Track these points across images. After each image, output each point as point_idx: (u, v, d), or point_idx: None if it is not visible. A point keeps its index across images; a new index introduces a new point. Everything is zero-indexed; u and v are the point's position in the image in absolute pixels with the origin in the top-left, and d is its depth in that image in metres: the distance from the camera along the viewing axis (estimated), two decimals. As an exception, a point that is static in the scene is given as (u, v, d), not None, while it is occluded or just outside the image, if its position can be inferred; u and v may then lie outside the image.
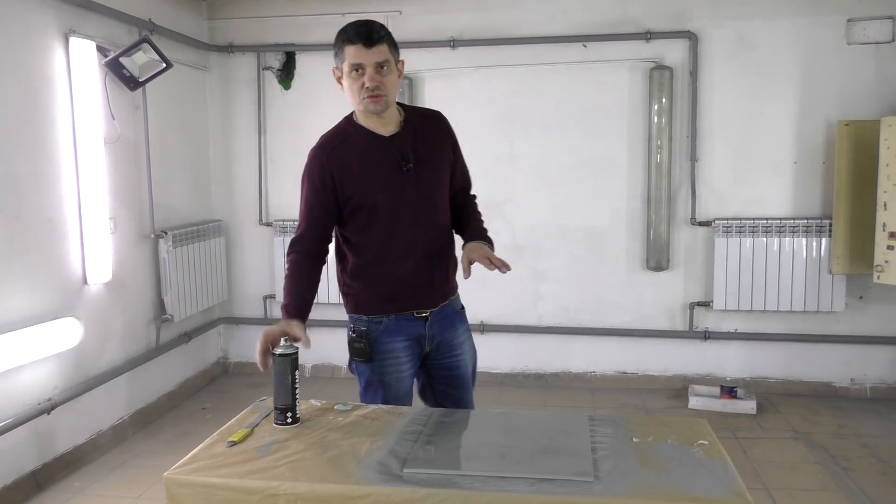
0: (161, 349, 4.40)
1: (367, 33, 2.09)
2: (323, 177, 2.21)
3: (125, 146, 4.05)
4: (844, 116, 4.34)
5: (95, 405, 3.80)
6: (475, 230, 2.36)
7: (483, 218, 2.44)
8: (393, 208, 2.21)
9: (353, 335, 2.35)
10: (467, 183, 2.46)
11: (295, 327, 2.12)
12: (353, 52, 2.11)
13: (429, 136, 2.28)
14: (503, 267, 2.14)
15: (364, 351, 2.31)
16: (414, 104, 4.72)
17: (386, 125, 2.23)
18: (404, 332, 2.31)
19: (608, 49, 4.58)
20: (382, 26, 2.15)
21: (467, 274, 2.19)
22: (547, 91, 4.69)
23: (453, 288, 2.42)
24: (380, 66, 2.11)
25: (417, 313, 2.31)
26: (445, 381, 2.42)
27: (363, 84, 2.12)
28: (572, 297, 4.79)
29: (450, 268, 2.38)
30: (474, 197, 2.50)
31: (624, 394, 4.66)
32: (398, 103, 2.29)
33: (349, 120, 2.30)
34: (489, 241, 2.30)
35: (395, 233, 2.23)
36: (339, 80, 2.20)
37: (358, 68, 2.12)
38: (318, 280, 2.30)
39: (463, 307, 2.48)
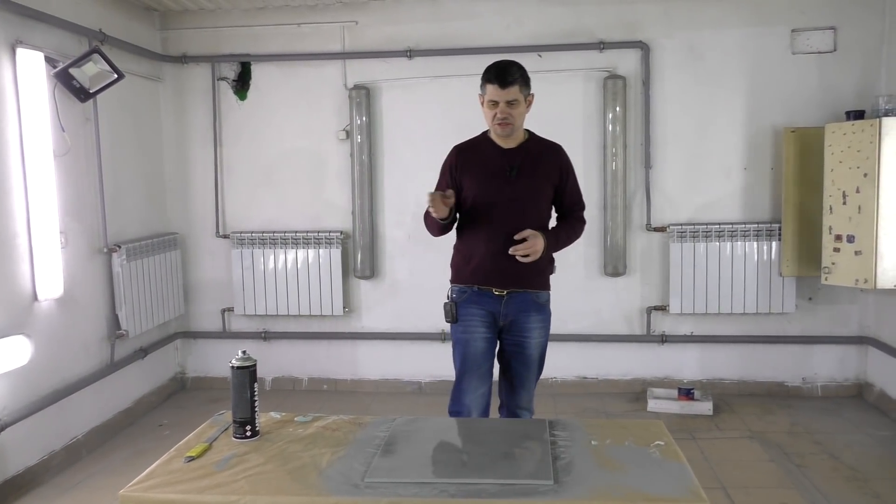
0: (116, 365, 4.30)
1: (503, 78, 2.69)
2: (451, 167, 2.88)
3: (76, 159, 3.96)
4: (790, 123, 4.48)
5: (47, 425, 3.70)
6: (554, 227, 2.95)
7: (577, 228, 2.99)
8: (491, 202, 2.79)
9: (447, 300, 2.90)
10: (576, 204, 2.99)
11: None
12: (491, 90, 2.72)
13: (540, 157, 2.86)
14: (516, 251, 2.70)
15: (450, 313, 2.87)
16: (369, 113, 4.77)
17: (508, 142, 2.84)
18: (483, 303, 2.84)
19: (562, 59, 4.65)
20: (518, 69, 2.73)
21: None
22: (503, 100, 4.72)
23: (535, 282, 2.87)
24: (509, 103, 2.71)
25: (496, 291, 2.81)
26: (513, 355, 2.90)
27: (496, 114, 2.73)
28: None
29: (530, 263, 2.77)
30: (581, 215, 3.01)
31: (585, 398, 4.71)
32: (529, 131, 2.91)
33: (486, 132, 2.92)
34: (550, 236, 2.82)
35: (488, 221, 2.80)
36: (482, 103, 2.81)
37: (494, 102, 2.71)
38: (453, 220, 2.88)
39: (547, 302, 2.94)
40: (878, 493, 3.30)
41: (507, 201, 2.78)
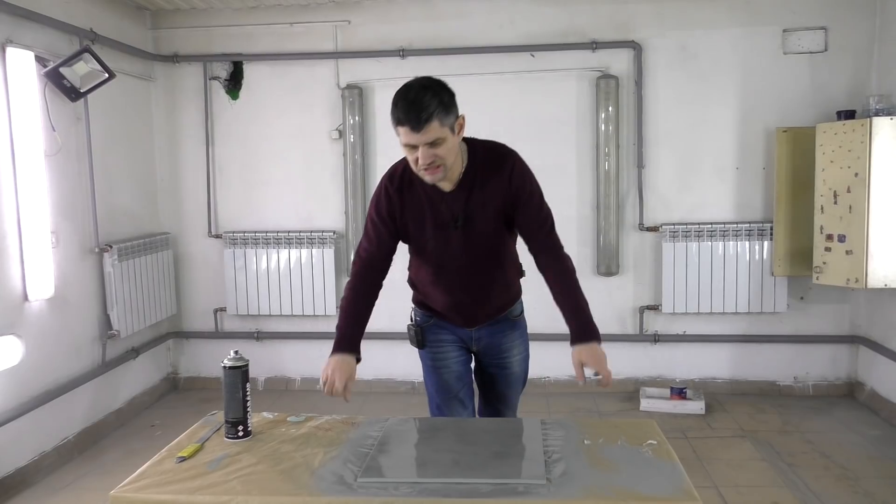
0: (107, 366, 4.28)
1: (415, 116, 2.03)
2: (390, 210, 2.34)
3: (67, 158, 3.94)
4: (782, 123, 4.50)
5: (38, 425, 3.68)
6: (580, 320, 2.36)
7: (570, 268, 2.42)
8: (440, 254, 2.37)
9: (410, 323, 2.59)
10: (543, 223, 2.39)
11: (343, 380, 2.19)
12: (404, 133, 2.08)
13: (486, 187, 2.27)
14: (607, 384, 2.26)
15: (415, 339, 2.54)
16: (362, 113, 4.75)
17: (445, 183, 2.26)
18: (453, 330, 2.52)
19: (555, 59, 4.66)
20: (433, 96, 2.05)
21: (581, 379, 2.29)
22: (496, 100, 4.73)
23: (502, 308, 2.53)
24: (432, 144, 2.08)
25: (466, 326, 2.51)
26: (495, 377, 2.59)
27: (417, 159, 2.12)
28: (525, 303, 4.82)
29: (494, 296, 2.48)
30: (560, 248, 2.43)
31: (577, 398, 4.71)
32: (468, 146, 2.28)
33: None
34: (595, 331, 2.34)
35: (441, 273, 2.42)
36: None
37: (412, 146, 2.10)
38: (375, 297, 2.44)
39: (521, 314, 2.62)
40: (869, 492, 3.31)
41: (459, 253, 2.34)
